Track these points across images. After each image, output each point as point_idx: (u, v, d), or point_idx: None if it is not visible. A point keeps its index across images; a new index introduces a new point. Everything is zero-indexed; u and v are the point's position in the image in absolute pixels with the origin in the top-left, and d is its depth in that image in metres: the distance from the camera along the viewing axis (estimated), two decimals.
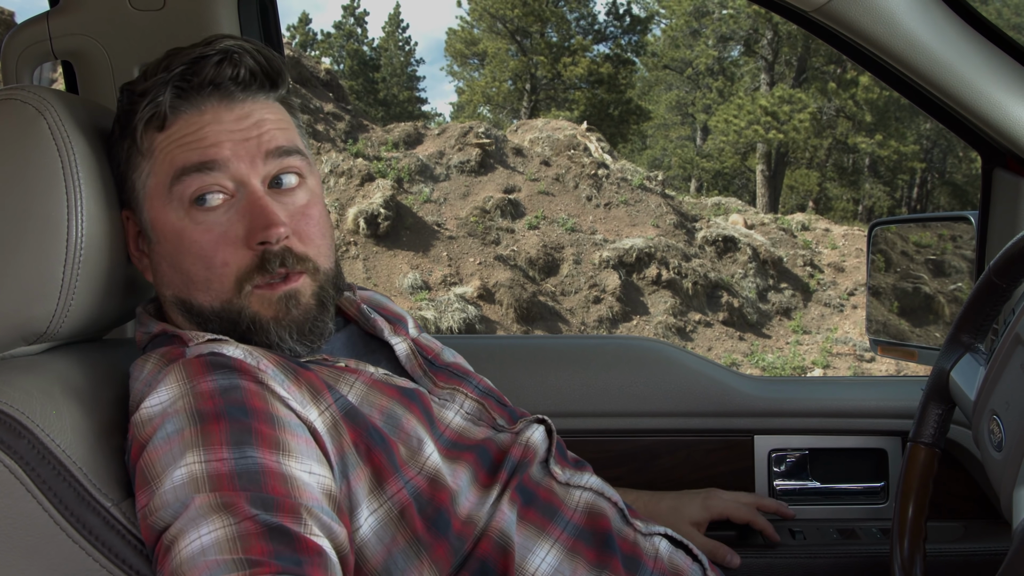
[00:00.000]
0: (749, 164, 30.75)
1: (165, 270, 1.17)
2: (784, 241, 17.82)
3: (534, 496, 1.21)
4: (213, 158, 1.11)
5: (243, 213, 1.12)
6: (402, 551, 1.06)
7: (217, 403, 0.99)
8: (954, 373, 1.30)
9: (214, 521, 0.87)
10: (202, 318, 1.16)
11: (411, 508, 1.07)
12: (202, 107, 1.14)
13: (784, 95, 27.91)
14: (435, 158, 16.22)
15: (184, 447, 0.95)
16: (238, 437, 0.96)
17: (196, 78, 1.13)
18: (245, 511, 0.88)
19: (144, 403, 1.03)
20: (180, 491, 0.91)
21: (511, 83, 32.28)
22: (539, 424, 1.32)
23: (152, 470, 0.96)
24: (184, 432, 0.96)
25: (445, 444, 1.19)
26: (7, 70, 1.66)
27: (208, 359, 1.06)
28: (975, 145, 1.62)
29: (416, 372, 1.32)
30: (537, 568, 1.13)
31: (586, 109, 30.64)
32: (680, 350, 1.89)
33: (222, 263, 1.12)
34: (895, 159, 29.93)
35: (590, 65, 31.02)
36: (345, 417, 1.08)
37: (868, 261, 2.09)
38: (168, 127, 1.14)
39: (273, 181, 1.16)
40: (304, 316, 1.16)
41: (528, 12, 29.93)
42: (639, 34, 33.98)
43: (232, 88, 1.16)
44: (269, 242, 1.12)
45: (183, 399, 1.00)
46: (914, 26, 1.42)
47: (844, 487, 1.83)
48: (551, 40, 31.60)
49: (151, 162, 1.15)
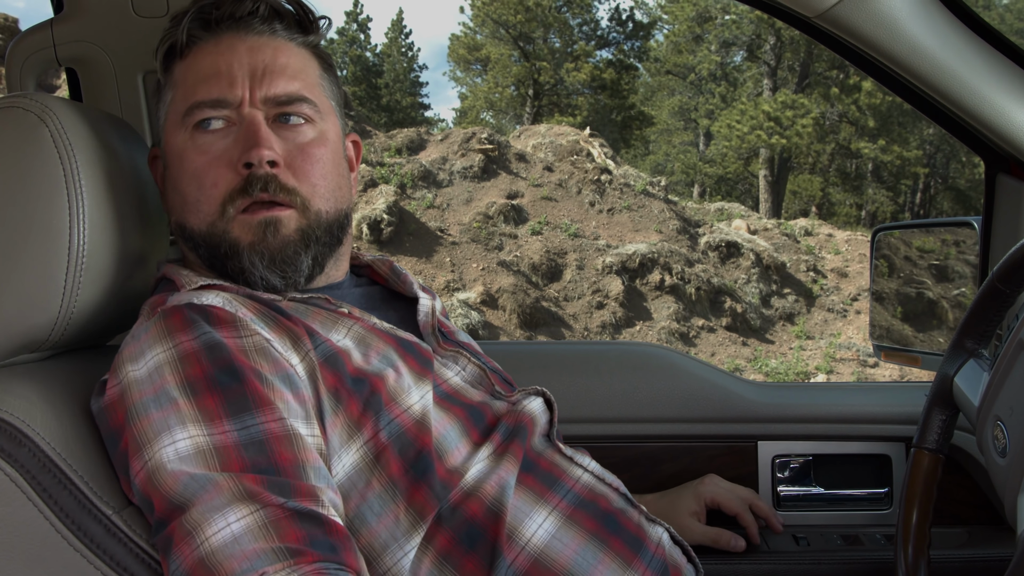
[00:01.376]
0: (752, 169, 30.75)
1: (170, 195, 1.21)
2: (787, 246, 17.80)
3: (534, 465, 1.19)
4: (224, 96, 1.16)
5: (239, 138, 1.15)
6: (377, 496, 1.05)
7: (205, 368, 0.99)
8: (958, 379, 1.29)
9: (239, 508, 0.88)
10: (194, 243, 1.18)
11: (388, 451, 1.06)
12: (220, 36, 1.19)
13: (787, 100, 27.91)
14: (438, 164, 16.23)
15: (182, 419, 0.95)
16: (235, 406, 0.96)
17: (218, 10, 1.18)
18: (267, 497, 0.89)
19: (129, 365, 1.02)
20: (187, 463, 0.92)
21: (514, 89, 32.33)
22: (537, 396, 1.30)
23: (145, 436, 0.95)
24: (179, 403, 0.96)
25: (440, 394, 1.18)
26: (11, 77, 1.67)
27: (186, 310, 1.05)
28: (978, 150, 1.62)
29: (426, 330, 1.32)
30: (533, 534, 1.11)
31: (589, 115, 30.68)
32: (683, 356, 1.88)
33: (212, 184, 1.15)
34: (898, 164, 29.90)
35: (593, 71, 31.09)
36: (324, 363, 1.08)
37: (871, 266, 2.09)
38: (186, 55, 1.19)
39: (280, 116, 1.19)
40: (280, 245, 1.16)
41: (531, 18, 29.99)
42: (642, 40, 34.04)
43: (252, 21, 1.20)
44: (252, 163, 1.13)
45: (169, 365, 1.00)
46: (916, 31, 1.42)
47: (848, 493, 1.83)
48: (554, 46, 31.67)
49: (172, 91, 1.20)
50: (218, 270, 1.19)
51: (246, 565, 0.84)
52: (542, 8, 29.96)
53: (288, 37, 1.23)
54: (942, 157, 33.83)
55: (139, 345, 1.04)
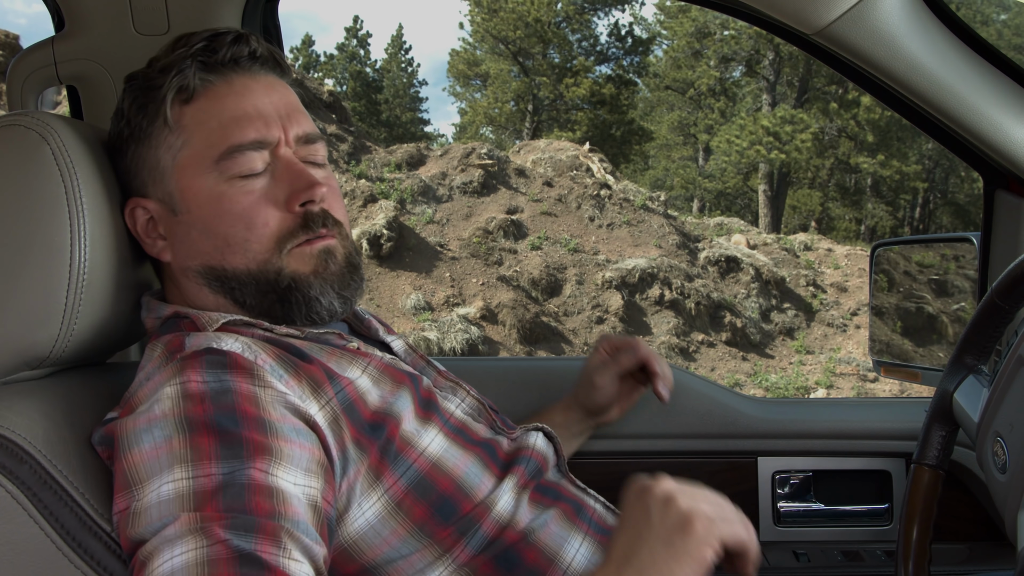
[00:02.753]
0: (751, 184, 30.78)
1: (195, 238, 1.18)
2: (787, 261, 17.80)
3: (560, 495, 1.23)
4: (263, 137, 1.17)
5: (282, 177, 1.17)
6: (403, 540, 1.06)
7: (207, 410, 0.98)
8: (958, 394, 1.30)
9: (188, 542, 0.87)
10: (234, 283, 1.18)
11: (410, 497, 1.08)
12: (230, 79, 1.19)
13: (786, 115, 27.97)
14: (438, 179, 16.25)
15: (172, 459, 0.94)
16: (228, 450, 0.95)
17: (217, 53, 1.18)
18: (218, 534, 0.87)
19: (142, 406, 1.02)
20: (165, 508, 0.91)
21: (513, 104, 32.40)
22: (538, 432, 1.33)
23: (135, 474, 0.95)
24: (172, 441, 0.96)
25: (452, 429, 1.20)
26: (12, 94, 1.67)
27: (204, 357, 1.05)
28: (976, 167, 1.62)
29: (419, 364, 1.34)
30: (572, 558, 1.15)
31: (588, 130, 30.73)
32: (682, 371, 1.88)
33: (263, 223, 1.16)
34: (897, 179, 29.94)
35: (592, 86, 31.17)
36: (345, 411, 1.08)
37: (871, 281, 2.09)
38: (196, 99, 1.17)
39: (308, 153, 1.23)
40: (339, 271, 1.21)
41: (530, 33, 30.08)
42: (641, 55, 34.12)
43: (251, 64, 1.21)
44: (312, 201, 1.17)
45: (171, 400, 1.00)
46: (915, 48, 1.42)
47: (848, 509, 1.82)
48: (553, 61, 31.75)
49: (182, 134, 1.17)
50: (260, 309, 1.19)
51: None
52: (541, 24, 30.05)
53: (281, 75, 1.26)
54: (941, 172, 33.89)
55: (153, 385, 1.04)
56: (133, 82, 1.22)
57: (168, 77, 1.17)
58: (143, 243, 1.23)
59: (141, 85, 1.20)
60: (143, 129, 1.19)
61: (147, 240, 1.22)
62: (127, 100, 1.21)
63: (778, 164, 28.08)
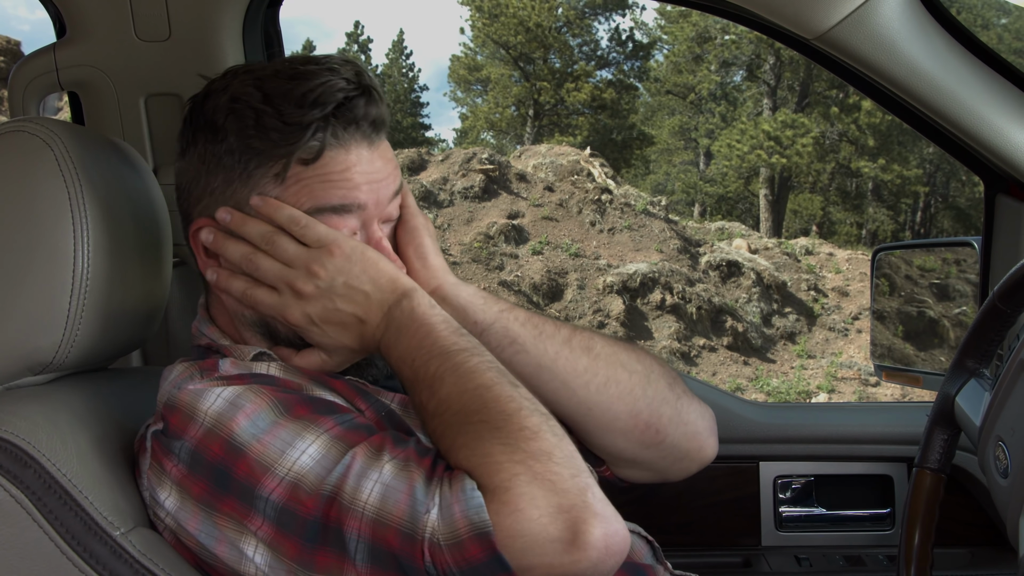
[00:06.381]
0: (752, 189, 30.77)
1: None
2: (788, 265, 17.80)
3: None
4: (352, 201, 1.12)
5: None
6: None
7: (285, 394, 1.03)
8: (959, 399, 1.30)
9: (374, 464, 0.94)
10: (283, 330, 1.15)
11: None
12: (348, 145, 1.11)
13: (787, 120, 27.97)
14: (439, 184, 16.27)
15: (294, 431, 0.98)
16: (326, 407, 1.03)
17: (348, 116, 1.11)
18: (389, 448, 0.97)
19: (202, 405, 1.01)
20: (327, 460, 0.96)
21: (514, 109, 32.42)
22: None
23: (265, 460, 0.96)
24: (281, 421, 0.99)
25: None
26: (14, 101, 1.68)
27: (249, 376, 1.08)
28: (977, 171, 1.62)
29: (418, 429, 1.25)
30: None
31: (589, 135, 30.76)
32: (683, 376, 1.88)
33: None
34: (898, 183, 29.92)
35: (593, 91, 31.17)
36: (383, 420, 1.11)
37: (872, 286, 2.09)
38: (315, 161, 1.10)
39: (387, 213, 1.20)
40: None
41: (531, 38, 30.09)
42: (642, 60, 34.16)
43: (370, 131, 1.14)
44: None
45: (251, 394, 1.02)
46: (915, 52, 1.42)
47: (850, 513, 1.82)
48: (554, 66, 31.76)
49: (283, 186, 1.10)
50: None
51: (411, 506, 0.91)
52: (542, 29, 30.07)
53: (385, 133, 1.19)
54: (942, 176, 33.85)
55: (198, 387, 1.03)
56: (243, 117, 1.10)
57: (301, 138, 1.08)
58: (201, 262, 1.17)
59: (257, 125, 1.09)
60: (247, 168, 1.11)
61: (207, 260, 1.17)
62: (233, 129, 1.10)
63: (779, 168, 28.06)
